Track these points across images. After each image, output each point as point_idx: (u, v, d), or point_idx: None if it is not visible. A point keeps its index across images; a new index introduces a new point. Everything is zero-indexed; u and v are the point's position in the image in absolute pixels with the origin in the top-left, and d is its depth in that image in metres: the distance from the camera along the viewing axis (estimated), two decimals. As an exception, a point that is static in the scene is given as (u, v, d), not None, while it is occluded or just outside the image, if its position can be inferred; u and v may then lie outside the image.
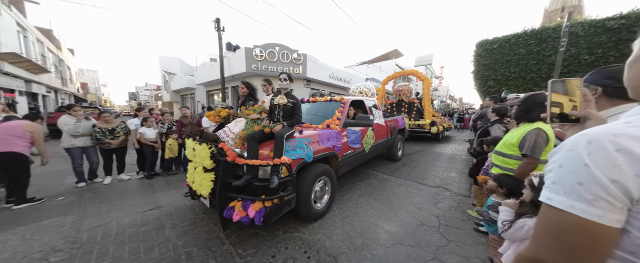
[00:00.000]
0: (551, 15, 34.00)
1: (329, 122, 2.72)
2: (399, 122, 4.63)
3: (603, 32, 7.71)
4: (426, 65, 24.79)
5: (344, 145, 2.69)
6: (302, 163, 2.03)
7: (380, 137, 3.75)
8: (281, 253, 1.74)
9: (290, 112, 2.23)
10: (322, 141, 2.33)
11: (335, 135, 2.55)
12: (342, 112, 2.91)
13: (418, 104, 7.78)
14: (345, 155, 2.72)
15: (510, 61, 9.88)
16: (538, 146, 1.40)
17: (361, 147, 3.08)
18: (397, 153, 4.65)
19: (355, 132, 2.94)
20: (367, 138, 3.20)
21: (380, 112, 3.92)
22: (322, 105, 3.42)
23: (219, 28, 9.60)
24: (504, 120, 2.54)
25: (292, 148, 1.97)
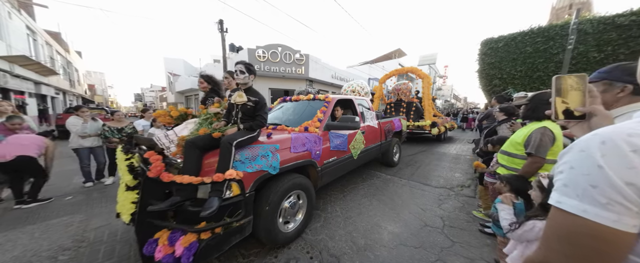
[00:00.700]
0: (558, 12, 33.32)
1: (307, 123, 2.31)
2: (395, 123, 4.15)
3: (612, 28, 7.52)
4: (430, 64, 24.52)
5: (325, 150, 2.26)
6: (263, 176, 1.60)
7: (372, 140, 3.30)
8: (283, 253, 1.74)
9: (251, 112, 1.76)
10: (294, 147, 1.91)
11: (314, 140, 2.13)
12: (324, 112, 2.48)
13: (417, 103, 7.33)
14: (327, 163, 2.30)
15: (516, 59, 9.71)
16: (543, 144, 1.38)
17: (348, 153, 2.65)
18: (393, 158, 4.18)
19: (340, 136, 2.49)
20: (355, 142, 2.76)
21: (373, 112, 3.48)
22: (303, 105, 2.97)
23: (222, 29, 9.68)
24: (511, 119, 2.50)
25: (250, 158, 1.57)
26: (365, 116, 3.24)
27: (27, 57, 8.75)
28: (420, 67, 24.62)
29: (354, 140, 2.75)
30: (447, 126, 7.85)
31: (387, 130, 3.78)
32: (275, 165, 1.68)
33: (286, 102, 3.28)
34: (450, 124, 8.52)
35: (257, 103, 1.77)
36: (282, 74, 11.35)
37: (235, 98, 1.79)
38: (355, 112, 3.17)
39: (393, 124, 4.06)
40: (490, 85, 10.95)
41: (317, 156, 2.15)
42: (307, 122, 2.36)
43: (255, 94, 1.81)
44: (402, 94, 7.68)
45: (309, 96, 3.02)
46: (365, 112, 3.29)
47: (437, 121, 6.68)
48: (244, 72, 1.71)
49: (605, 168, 0.33)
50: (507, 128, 2.56)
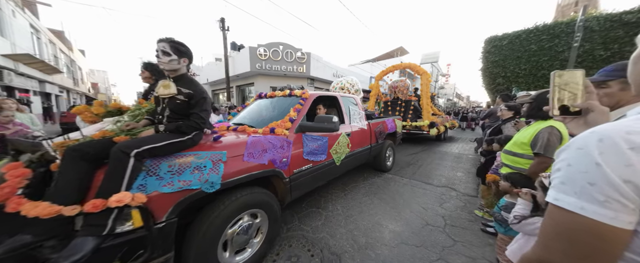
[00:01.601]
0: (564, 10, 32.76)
1: (275, 124, 1.92)
2: (388, 124, 3.71)
3: (619, 26, 7.40)
4: (432, 62, 24.32)
5: (297, 156, 1.86)
6: (193, 195, 1.15)
7: (360, 143, 2.89)
8: (285, 251, 1.74)
9: (183, 109, 1.36)
10: (251, 154, 1.49)
11: (280, 144, 1.71)
12: (298, 110, 2.08)
13: (415, 102, 6.89)
14: (298, 172, 1.88)
15: (521, 57, 9.61)
16: (551, 144, 1.36)
17: (328, 159, 2.24)
18: (386, 162, 3.73)
19: (318, 139, 2.10)
20: (337, 146, 2.36)
21: (362, 112, 3.13)
22: (278, 102, 2.55)
23: (224, 27, 9.67)
24: (516, 118, 2.47)
25: (175, 171, 1.14)
26: (353, 116, 2.86)
27: (31, 56, 8.83)
28: (423, 65, 24.46)
29: (336, 143, 2.35)
30: (447, 125, 7.51)
31: (379, 132, 3.38)
32: (214, 180, 1.21)
33: (261, 98, 2.84)
34: (451, 123, 8.24)
35: (191, 96, 1.34)
36: (283, 73, 11.34)
37: (159, 89, 1.35)
38: (340, 111, 2.74)
39: (385, 125, 3.63)
40: (493, 84, 10.86)
41: (285, 164, 1.71)
42: (275, 122, 1.96)
43: (190, 84, 1.37)
44: (399, 92, 7.21)
45: (285, 92, 2.56)
46: (352, 111, 2.90)
47: (436, 121, 6.29)
48: (169, 53, 1.26)
49: (603, 165, 0.34)
50: (512, 126, 2.54)
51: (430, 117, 6.22)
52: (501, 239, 1.44)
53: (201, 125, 1.37)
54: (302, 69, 11.58)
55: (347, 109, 2.84)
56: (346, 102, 2.91)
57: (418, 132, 6.29)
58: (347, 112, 2.80)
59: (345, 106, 2.82)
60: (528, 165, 1.48)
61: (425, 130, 6.00)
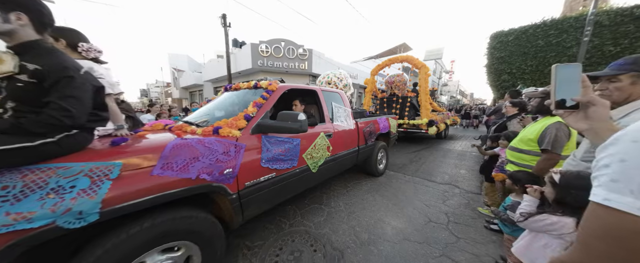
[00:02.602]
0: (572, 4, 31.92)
1: (223, 123, 1.52)
2: (380, 123, 3.32)
3: (630, 20, 7.19)
4: (436, 58, 24.00)
5: (251, 164, 1.45)
6: (39, 235, 0.74)
7: (345, 145, 2.50)
8: (288, 246, 1.76)
9: (31, 97, 0.88)
10: (167, 165, 1.05)
11: (225, 149, 1.31)
12: (259, 106, 1.66)
13: (413, 98, 6.36)
14: (254, 184, 1.48)
15: (527, 53, 9.42)
16: (559, 140, 1.33)
17: (300, 165, 1.86)
18: (377, 165, 3.33)
19: (284, 142, 1.70)
20: (314, 149, 1.99)
21: (348, 110, 2.73)
22: (239, 96, 2.13)
23: (225, 24, 9.62)
24: (522, 114, 2.43)
25: (12, 197, 0.72)
26: (336, 114, 2.48)
27: (36, 53, 8.90)
28: (426, 62, 24.13)
29: (312, 146, 1.97)
30: (448, 122, 7.14)
31: (369, 132, 2.99)
32: (87, 208, 0.80)
33: (227, 91, 2.39)
34: (452, 120, 7.88)
35: (43, 75, 0.86)
36: (285, 70, 11.29)
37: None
38: (321, 108, 2.37)
39: (377, 125, 3.24)
40: (498, 81, 10.69)
41: (229, 176, 1.29)
42: (224, 120, 1.56)
43: (42, 57, 0.88)
44: (395, 88, 6.67)
45: (250, 83, 2.10)
46: (336, 109, 2.51)
47: (435, 118, 5.81)
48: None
49: None
50: (518, 122, 2.50)
51: (429, 114, 5.79)
52: (508, 239, 1.42)
53: (64, 120, 0.86)
54: (304, 66, 11.52)
55: (330, 106, 2.46)
56: (329, 97, 2.52)
57: (416, 131, 5.88)
58: (329, 110, 2.43)
59: (326, 102, 2.44)
60: (534, 162, 1.46)
61: (423, 128, 5.59)
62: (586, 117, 0.53)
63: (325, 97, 2.48)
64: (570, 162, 1.10)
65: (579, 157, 1.05)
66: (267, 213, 2.20)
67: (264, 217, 2.14)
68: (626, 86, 0.83)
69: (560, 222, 0.85)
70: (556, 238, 0.86)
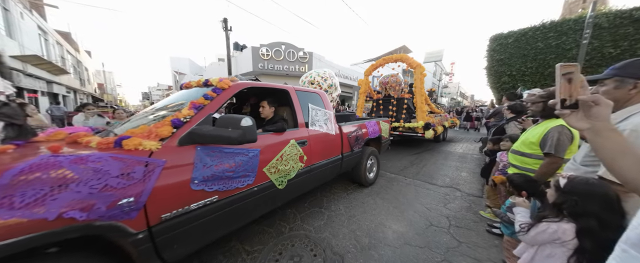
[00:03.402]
0: (571, 7, 32.06)
1: (140, 130, 1.16)
2: (369, 128, 3.01)
3: (629, 23, 7.20)
4: (436, 61, 24.07)
5: (171, 188, 1.07)
6: None
7: (324, 154, 2.19)
8: (287, 250, 1.74)
9: None
10: (7, 200, 0.71)
11: (124, 169, 0.94)
12: (197, 108, 1.31)
13: (409, 100, 6.03)
14: (177, 215, 1.10)
15: (527, 55, 9.43)
16: (561, 144, 1.32)
17: (259, 182, 1.52)
18: (367, 174, 3.00)
19: (233, 154, 1.33)
20: (280, 161, 1.66)
21: (329, 113, 2.41)
22: (190, 95, 1.63)
23: (227, 27, 9.71)
24: (521, 117, 2.43)
25: None
26: (314, 118, 2.17)
27: (39, 57, 9.00)
28: (426, 64, 24.18)
29: (277, 158, 1.63)
30: (446, 125, 6.85)
31: (355, 138, 2.66)
32: None
33: (182, 89, 2.04)
34: (450, 122, 7.57)
35: None
36: (285, 72, 11.36)
37: None
38: (293, 110, 2.06)
39: (365, 129, 2.92)
40: (499, 83, 10.68)
41: (130, 208, 0.92)
42: (142, 126, 1.19)
43: None
44: (390, 89, 6.32)
45: (200, 81, 1.76)
46: (314, 111, 2.19)
47: (432, 121, 5.50)
48: None
49: None
50: (516, 126, 2.50)
51: (426, 117, 5.46)
52: (508, 241, 1.41)
53: None
54: (304, 69, 11.58)
55: (305, 109, 2.14)
56: (305, 98, 2.20)
57: (412, 134, 5.51)
58: (305, 113, 2.12)
59: (301, 104, 2.12)
60: (536, 166, 1.45)
61: (419, 132, 5.25)
62: (588, 117, 0.54)
63: (300, 98, 2.15)
64: (570, 166, 1.09)
65: (578, 161, 1.05)
66: (266, 217, 2.19)
67: (263, 220, 2.13)
68: (610, 90, 0.86)
69: (559, 228, 0.83)
70: (559, 247, 0.84)
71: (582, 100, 0.53)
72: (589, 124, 0.54)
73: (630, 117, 0.82)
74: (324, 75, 4.13)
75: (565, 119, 0.57)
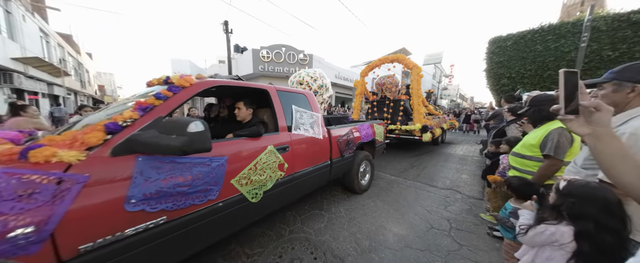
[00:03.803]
0: (570, 10, 32.36)
1: (59, 138, 0.93)
2: (361, 131, 2.83)
3: (627, 26, 7.26)
4: (435, 63, 24.18)
5: (94, 211, 0.84)
6: None
7: (310, 160, 2.01)
8: (287, 253, 1.73)
9: None
10: None
11: (22, 189, 0.71)
12: (143, 110, 1.09)
13: (406, 101, 5.85)
14: (103, 245, 0.86)
15: (526, 58, 9.49)
16: (561, 146, 1.32)
17: (224, 198, 1.31)
18: (359, 180, 2.81)
19: (191, 165, 1.14)
20: (252, 171, 1.46)
21: (317, 115, 2.23)
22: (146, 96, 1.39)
23: (227, 30, 9.77)
24: (521, 119, 2.43)
25: None
26: (298, 121, 1.97)
27: (40, 59, 9.05)
28: (426, 66, 24.28)
29: (251, 167, 1.43)
30: (445, 127, 6.67)
31: (346, 142, 2.49)
32: None
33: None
34: (449, 124, 7.37)
35: None
36: (286, 74, 11.40)
37: None
38: (273, 112, 1.85)
39: (357, 133, 2.75)
40: (498, 85, 10.73)
41: (30, 240, 0.70)
42: (65, 133, 0.97)
43: None
44: (386, 90, 6.10)
45: (160, 79, 1.45)
46: (297, 114, 2.00)
47: (430, 123, 5.32)
48: None
49: None
50: (516, 128, 2.50)
51: (423, 119, 5.28)
52: (508, 244, 1.40)
53: None
54: (305, 71, 11.63)
55: (289, 111, 1.95)
56: (288, 99, 2.00)
57: (409, 137, 5.31)
58: (288, 115, 1.92)
59: (284, 106, 1.92)
60: (536, 168, 1.45)
61: (416, 135, 5.06)
62: (589, 122, 0.54)
63: (283, 99, 1.95)
64: (571, 169, 1.09)
65: (579, 164, 1.05)
66: (266, 219, 2.18)
67: (262, 223, 2.12)
68: (609, 94, 0.86)
69: (558, 231, 0.83)
70: (557, 250, 0.84)
71: (583, 106, 0.54)
72: (590, 129, 0.54)
73: (630, 121, 0.82)
74: (314, 75, 3.80)
75: (567, 124, 0.57)
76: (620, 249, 0.71)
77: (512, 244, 1.37)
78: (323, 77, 3.92)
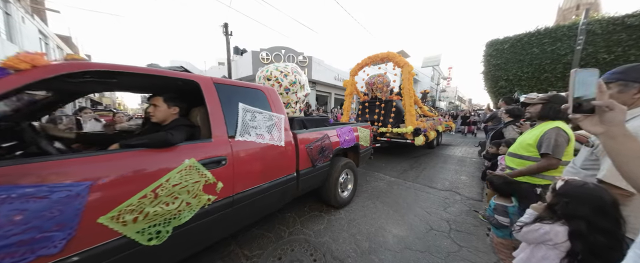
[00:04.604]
0: (565, 13, 32.85)
1: None
2: (341, 136, 2.44)
3: (622, 29, 7.38)
4: (434, 65, 24.37)
5: None
6: None
7: (264, 174, 1.58)
8: (287, 255, 1.72)
9: None
10: None
11: None
12: None
13: (399, 102, 5.43)
14: None
15: (523, 61, 9.60)
16: (559, 145, 1.34)
17: (79, 249, 0.82)
18: (338, 192, 2.41)
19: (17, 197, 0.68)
20: (150, 200, 0.98)
21: (278, 116, 1.78)
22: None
23: (227, 32, 9.82)
24: (519, 121, 2.45)
25: None
26: (249, 124, 1.53)
27: (39, 60, 9.01)
28: (424, 68, 24.45)
29: (150, 193, 0.99)
30: (440, 129, 6.25)
31: (320, 149, 2.09)
32: None
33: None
34: (444, 126, 6.96)
35: None
36: (285, 76, 11.44)
37: None
38: (206, 113, 1.37)
39: (335, 137, 2.35)
40: (496, 87, 10.82)
41: None
42: None
43: None
44: (377, 90, 5.68)
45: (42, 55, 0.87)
46: (247, 115, 1.55)
47: (423, 126, 4.93)
48: None
49: None
50: (514, 130, 2.52)
51: (415, 121, 4.88)
52: (500, 243, 1.42)
53: None
54: (304, 73, 11.67)
55: (233, 111, 1.48)
56: (232, 95, 1.52)
57: (401, 141, 4.96)
58: (230, 117, 1.44)
59: (224, 104, 1.43)
60: None
61: (408, 138, 4.73)
62: (602, 121, 0.55)
63: (224, 95, 1.44)
64: (570, 170, 1.10)
65: (578, 165, 1.06)
66: (265, 221, 2.17)
67: (262, 224, 2.11)
68: (614, 94, 0.86)
69: (552, 230, 0.84)
70: (552, 250, 0.85)
71: (597, 105, 0.54)
72: (604, 128, 0.54)
73: (631, 121, 0.83)
74: (285, 70, 3.01)
75: (580, 123, 0.58)
76: (613, 250, 0.72)
77: (503, 242, 1.40)
78: (297, 73, 3.13)
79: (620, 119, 0.53)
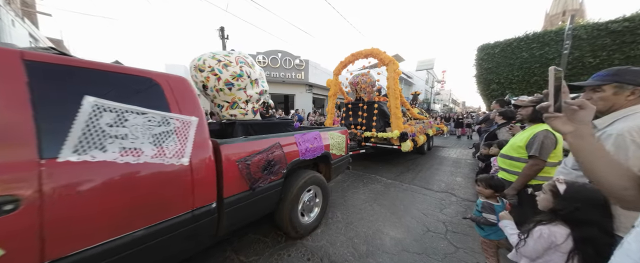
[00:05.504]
0: (552, 19, 34.10)
1: None
2: (302, 144, 1.93)
3: (606, 34, 7.68)
4: (428, 69, 24.80)
5: None
6: None
7: (131, 214, 0.95)
8: (283, 260, 1.70)
9: None
10: None
11: None
12: None
13: (383, 103, 4.95)
14: None
15: (513, 64, 9.86)
16: (545, 147, 1.39)
17: None
18: (298, 216, 1.91)
19: None
20: None
21: (178, 118, 1.12)
22: None
23: (223, 36, 9.82)
24: (511, 123, 2.51)
25: None
26: (110, 130, 0.89)
27: (29, 64, 8.81)
28: (418, 72, 24.84)
29: None
30: (430, 133, 5.78)
31: (266, 164, 1.55)
32: None
33: None
34: (435, 129, 6.54)
35: None
36: (282, 79, 11.46)
37: None
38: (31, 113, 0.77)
39: (293, 146, 1.85)
40: (488, 90, 11.06)
41: None
42: None
43: None
44: (361, 91, 5.18)
45: None
46: (106, 117, 0.88)
47: (410, 130, 4.45)
48: None
49: None
50: (507, 131, 2.57)
51: (402, 125, 4.35)
52: (484, 242, 1.46)
53: None
54: (301, 76, 11.73)
55: (64, 110, 0.85)
56: (65, 83, 0.90)
57: (387, 146, 4.52)
58: (57, 119, 0.83)
59: (40, 100, 0.81)
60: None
61: (394, 143, 4.29)
62: (572, 120, 0.56)
63: (45, 85, 0.85)
64: (562, 171, 1.13)
65: (570, 166, 1.08)
66: (262, 225, 2.14)
67: (258, 229, 2.09)
68: (609, 96, 0.87)
69: (551, 231, 0.83)
70: (554, 252, 0.83)
71: (567, 104, 0.56)
72: (573, 127, 0.55)
73: (615, 123, 0.84)
74: (226, 59, 2.12)
75: (551, 123, 0.58)
76: (612, 249, 0.73)
77: (488, 242, 1.43)
78: (245, 64, 2.23)
79: (589, 117, 0.54)
